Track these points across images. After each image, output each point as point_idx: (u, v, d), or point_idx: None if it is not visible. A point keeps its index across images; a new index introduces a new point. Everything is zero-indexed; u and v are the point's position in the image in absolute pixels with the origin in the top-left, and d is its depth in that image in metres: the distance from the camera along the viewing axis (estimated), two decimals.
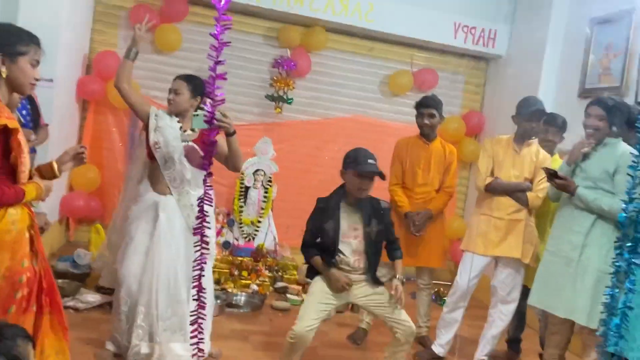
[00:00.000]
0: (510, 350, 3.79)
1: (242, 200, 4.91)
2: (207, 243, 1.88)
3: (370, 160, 2.79)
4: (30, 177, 1.94)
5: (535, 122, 3.41)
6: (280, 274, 4.66)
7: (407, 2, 5.16)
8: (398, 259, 2.97)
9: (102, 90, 4.83)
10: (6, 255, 1.81)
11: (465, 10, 5.31)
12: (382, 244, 2.95)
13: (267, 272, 4.55)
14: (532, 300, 3.15)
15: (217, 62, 1.69)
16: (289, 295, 4.37)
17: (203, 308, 1.86)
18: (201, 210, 1.75)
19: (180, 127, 2.96)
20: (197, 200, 1.81)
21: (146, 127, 2.99)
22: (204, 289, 1.92)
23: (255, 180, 4.93)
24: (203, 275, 1.90)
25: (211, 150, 1.75)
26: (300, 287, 4.56)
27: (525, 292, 3.37)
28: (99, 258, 3.92)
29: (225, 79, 1.71)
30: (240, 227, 4.86)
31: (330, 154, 5.48)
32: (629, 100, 3.84)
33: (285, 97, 5.20)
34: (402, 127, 5.17)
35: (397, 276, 2.87)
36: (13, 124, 1.80)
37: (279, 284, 4.54)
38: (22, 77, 1.91)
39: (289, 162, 5.28)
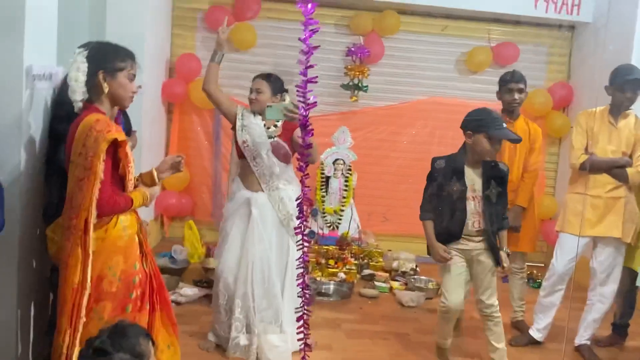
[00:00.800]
0: (615, 335, 3.60)
1: (323, 190, 4.97)
2: (308, 242, 1.94)
3: (504, 124, 2.75)
4: (135, 185, 2.07)
5: (630, 92, 3.19)
6: (366, 261, 4.69)
7: None
8: (504, 229, 2.91)
9: (185, 92, 5.04)
10: (120, 259, 1.96)
11: None
12: (501, 208, 2.87)
13: (353, 260, 4.59)
14: None
15: (308, 67, 1.71)
16: (376, 283, 4.39)
17: (309, 304, 1.92)
18: (301, 211, 1.80)
19: (264, 124, 3.04)
20: (296, 201, 1.85)
21: (234, 127, 3.10)
22: (308, 285, 1.98)
23: (335, 169, 4.97)
24: (307, 273, 1.95)
25: (306, 153, 1.78)
26: (387, 274, 4.57)
27: (633, 275, 3.19)
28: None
29: (316, 82, 1.73)
30: (324, 217, 4.93)
31: (407, 138, 5.43)
32: None
33: (360, 84, 5.18)
34: (482, 105, 4.99)
35: (504, 248, 2.89)
36: (122, 136, 1.94)
37: (366, 272, 4.57)
38: (122, 91, 2.04)
39: (367, 150, 5.27)
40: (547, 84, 5.41)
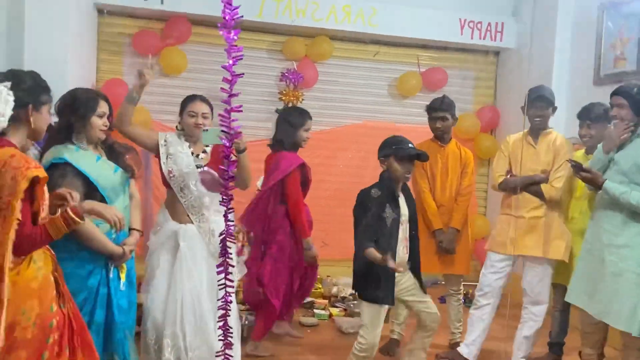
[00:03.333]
0: (551, 353, 3.66)
1: None
2: (231, 281, 1.84)
3: (410, 145, 2.84)
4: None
5: (535, 109, 3.31)
6: None
7: (409, 3, 5.13)
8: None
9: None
10: (35, 302, 1.79)
11: (470, 6, 5.26)
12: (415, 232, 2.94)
13: None
14: (570, 297, 3.07)
15: (232, 95, 1.64)
16: (316, 311, 4.32)
17: (230, 348, 1.81)
18: (223, 247, 1.70)
19: (192, 152, 2.91)
20: (219, 234, 1.76)
21: (157, 156, 2.94)
22: (230, 327, 1.87)
23: None
24: (229, 315, 1.85)
25: (228, 185, 1.70)
26: (326, 301, 4.50)
27: (562, 293, 3.28)
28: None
29: (240, 111, 1.66)
30: None
31: (343, 162, 5.43)
32: None
33: None
34: (414, 129, 5.05)
35: None
36: (42, 173, 1.81)
37: (306, 299, 4.47)
38: (44, 125, 1.98)
39: None
40: (475, 108, 5.61)
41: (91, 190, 2.27)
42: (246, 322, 3.80)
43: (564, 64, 4.74)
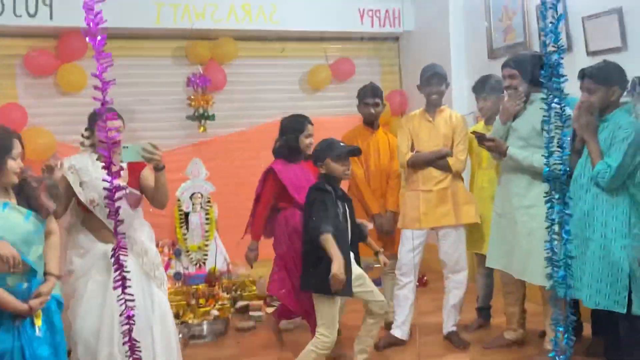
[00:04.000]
0: (480, 318, 3.83)
1: (184, 228, 4.76)
2: (131, 295, 1.80)
3: (342, 144, 2.95)
4: None
5: (431, 87, 3.45)
6: (239, 292, 4.56)
7: None
8: (368, 237, 3.15)
9: None
10: None
11: None
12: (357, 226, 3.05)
13: (225, 295, 4.42)
14: (490, 262, 3.23)
15: (104, 103, 1.59)
16: (251, 313, 4.28)
17: None
18: (117, 262, 1.65)
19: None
20: (112, 250, 1.71)
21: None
22: (137, 341, 1.83)
23: (193, 204, 4.79)
24: (132, 330, 1.81)
25: (113, 196, 1.65)
26: (262, 302, 4.48)
27: (483, 260, 3.44)
28: None
29: (115, 118, 1.62)
30: (188, 255, 4.72)
31: (265, 162, 5.33)
32: None
33: (206, 114, 5.09)
34: (330, 121, 5.16)
35: (379, 250, 3.15)
36: None
37: (240, 304, 4.44)
38: None
39: (225, 178, 5.16)
40: (385, 93, 5.71)
41: None
42: (180, 335, 3.73)
43: (459, 42, 4.96)
